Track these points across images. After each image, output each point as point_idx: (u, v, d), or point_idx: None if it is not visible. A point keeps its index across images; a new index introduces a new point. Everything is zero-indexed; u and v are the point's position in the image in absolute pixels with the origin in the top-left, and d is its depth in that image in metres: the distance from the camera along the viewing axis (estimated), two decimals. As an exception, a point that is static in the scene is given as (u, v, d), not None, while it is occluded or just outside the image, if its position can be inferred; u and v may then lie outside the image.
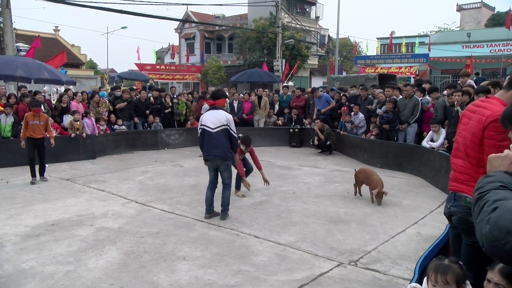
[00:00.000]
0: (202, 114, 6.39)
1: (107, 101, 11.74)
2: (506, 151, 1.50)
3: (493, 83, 5.82)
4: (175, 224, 5.43)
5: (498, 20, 38.32)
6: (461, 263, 2.10)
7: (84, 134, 10.14)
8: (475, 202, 1.35)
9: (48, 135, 8.07)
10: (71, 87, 12.77)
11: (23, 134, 7.77)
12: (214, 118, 5.53)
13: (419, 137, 9.06)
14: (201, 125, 5.61)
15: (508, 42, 24.36)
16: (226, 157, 5.55)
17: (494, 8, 44.95)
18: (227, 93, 6.05)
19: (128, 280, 3.82)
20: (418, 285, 2.34)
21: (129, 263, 4.20)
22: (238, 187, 6.96)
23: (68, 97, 11.14)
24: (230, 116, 5.62)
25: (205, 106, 11.42)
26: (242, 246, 4.67)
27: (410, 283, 2.49)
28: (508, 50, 24.13)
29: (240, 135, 6.69)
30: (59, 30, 35.43)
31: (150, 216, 5.78)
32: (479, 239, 1.23)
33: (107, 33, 39.35)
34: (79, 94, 11.38)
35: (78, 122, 10.10)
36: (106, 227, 5.31)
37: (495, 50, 25.07)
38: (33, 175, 7.80)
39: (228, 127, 5.51)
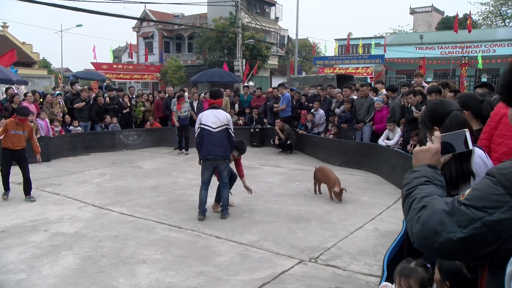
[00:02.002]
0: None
1: (61, 102, 11.28)
2: (428, 144, 1.54)
3: (442, 84, 6.11)
4: (135, 227, 5.31)
5: (447, 23, 40.12)
6: (429, 265, 2.08)
7: (38, 136, 9.71)
8: (404, 199, 1.38)
9: (34, 150, 7.00)
10: (22, 87, 12.20)
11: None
12: (214, 118, 5.61)
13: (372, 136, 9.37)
14: (201, 124, 5.61)
15: (456, 45, 25.64)
16: (227, 156, 5.69)
17: (444, 12, 47.12)
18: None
19: (86, 285, 3.71)
20: (388, 283, 2.34)
21: (87, 268, 4.07)
22: (218, 200, 6.10)
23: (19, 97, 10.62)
24: (230, 116, 5.80)
25: (186, 105, 11.20)
26: (204, 247, 4.65)
27: (380, 282, 2.49)
28: (457, 52, 25.36)
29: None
30: (7, 27, 33.66)
31: (108, 220, 5.62)
32: (410, 237, 1.27)
33: (61, 31, 37.81)
34: (30, 94, 10.83)
35: (32, 124, 9.64)
36: (62, 232, 5.12)
37: (445, 52, 26.32)
38: (6, 188, 6.73)
39: (228, 127, 5.64)
